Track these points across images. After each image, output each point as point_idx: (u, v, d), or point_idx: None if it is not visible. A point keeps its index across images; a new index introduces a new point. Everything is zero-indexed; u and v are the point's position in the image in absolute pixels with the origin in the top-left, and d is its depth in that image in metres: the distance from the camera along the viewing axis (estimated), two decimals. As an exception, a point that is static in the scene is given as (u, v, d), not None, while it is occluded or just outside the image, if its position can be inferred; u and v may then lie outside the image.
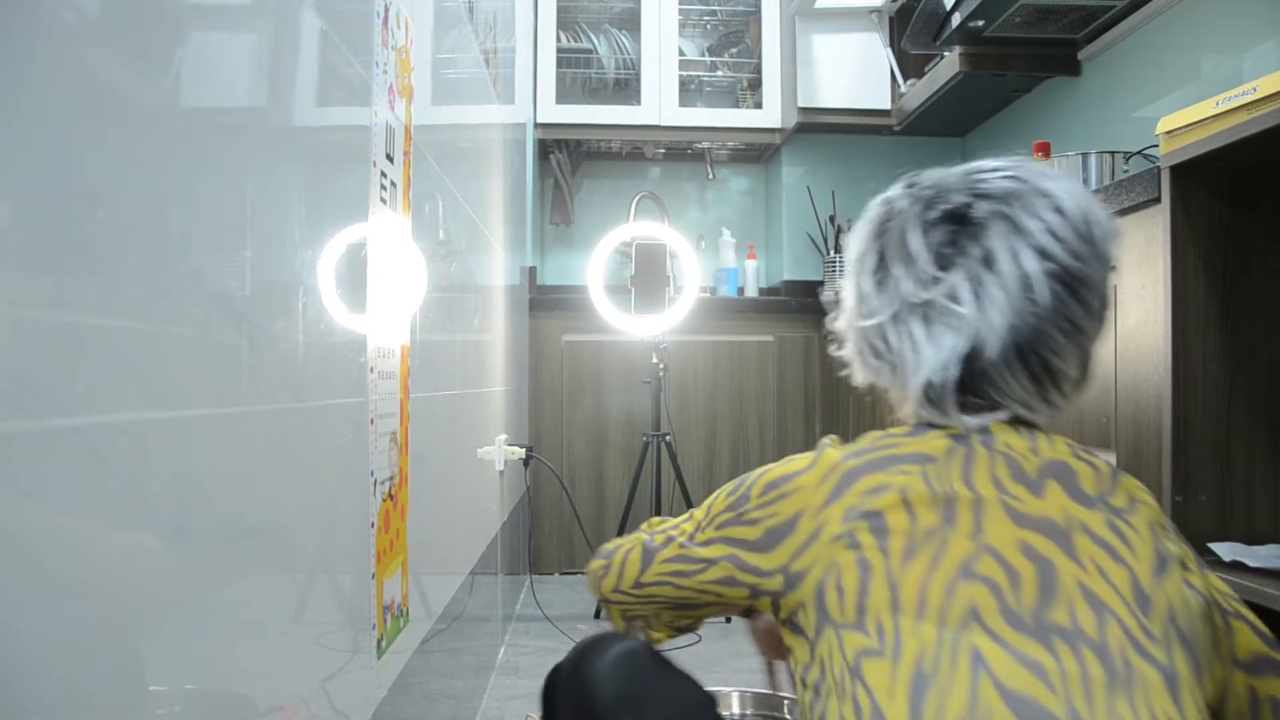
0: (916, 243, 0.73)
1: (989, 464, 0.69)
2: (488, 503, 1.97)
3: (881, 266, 0.75)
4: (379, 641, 1.01)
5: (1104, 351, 1.37)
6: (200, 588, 0.60)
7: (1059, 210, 0.70)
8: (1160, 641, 0.63)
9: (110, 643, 0.50)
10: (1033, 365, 0.71)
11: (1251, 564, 1.10)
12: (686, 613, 0.87)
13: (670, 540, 0.83)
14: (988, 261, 0.70)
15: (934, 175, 0.76)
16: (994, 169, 0.74)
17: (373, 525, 0.99)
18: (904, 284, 0.73)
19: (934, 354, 0.72)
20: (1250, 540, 1.19)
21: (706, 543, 0.78)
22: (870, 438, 0.74)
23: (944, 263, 0.71)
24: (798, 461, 0.75)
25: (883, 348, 0.76)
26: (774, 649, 1.02)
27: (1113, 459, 1.36)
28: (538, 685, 0.94)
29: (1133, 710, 0.60)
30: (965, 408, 0.72)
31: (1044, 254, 0.69)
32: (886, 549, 0.66)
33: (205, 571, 0.61)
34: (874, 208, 0.79)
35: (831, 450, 0.74)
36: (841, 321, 0.82)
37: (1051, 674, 0.61)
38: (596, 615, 2.59)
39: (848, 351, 0.81)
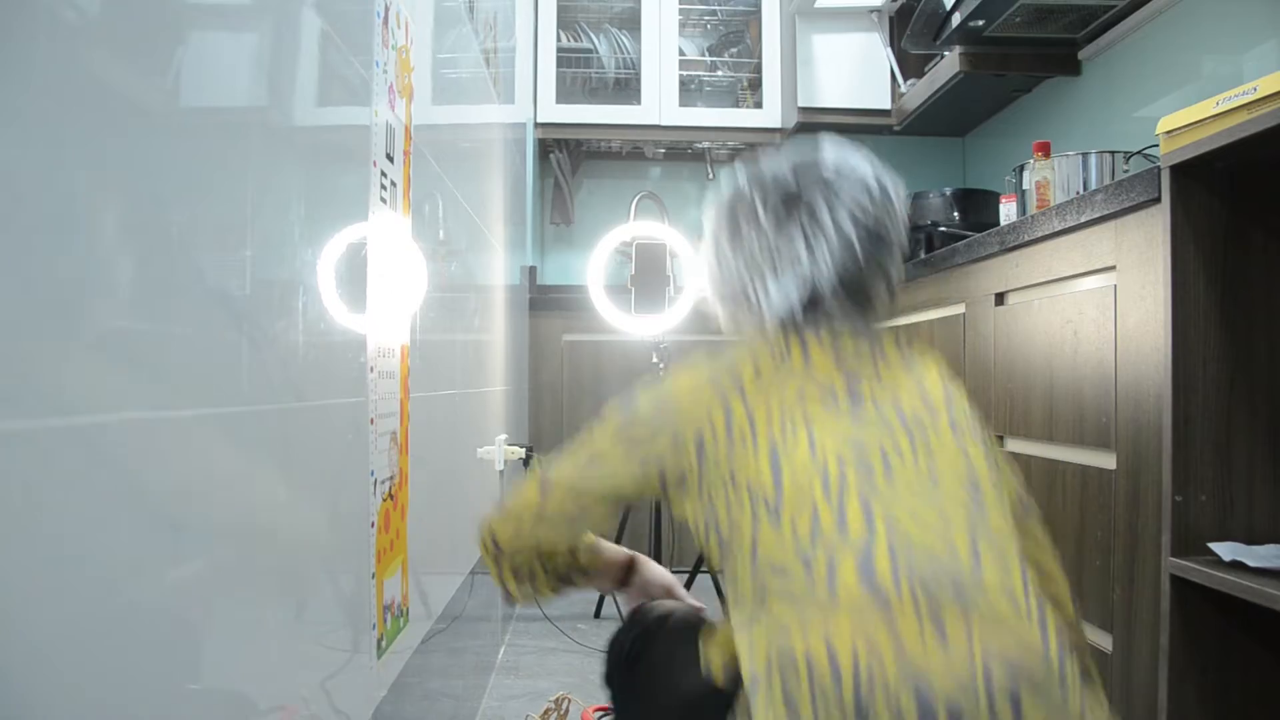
0: (763, 215, 0.95)
1: (820, 341, 0.92)
2: (488, 502, 1.97)
3: (736, 235, 0.97)
4: (379, 641, 1.01)
5: (1104, 352, 1.37)
6: (200, 587, 0.60)
7: (865, 185, 0.94)
8: (957, 426, 0.87)
9: (110, 642, 0.50)
10: (856, 298, 0.94)
11: (1251, 564, 1.10)
12: (578, 543, 1.02)
13: (566, 461, 0.95)
14: (817, 226, 0.93)
15: (770, 164, 0.99)
16: (815, 159, 0.96)
17: (373, 525, 0.99)
18: (755, 247, 0.95)
19: (782, 299, 0.93)
20: (1250, 540, 1.19)
21: (610, 446, 0.93)
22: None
23: (783, 229, 0.94)
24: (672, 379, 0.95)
25: (742, 298, 0.97)
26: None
27: (1113, 459, 1.36)
28: (537, 685, 0.94)
29: (937, 436, 0.85)
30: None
31: (856, 218, 0.93)
32: (744, 391, 0.88)
33: (205, 571, 0.61)
34: (725, 192, 1.02)
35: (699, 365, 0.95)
36: (707, 283, 1.04)
37: (868, 421, 0.85)
38: (596, 615, 2.59)
39: (714, 306, 1.03)
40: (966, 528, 0.79)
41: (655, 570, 1.17)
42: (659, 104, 3.20)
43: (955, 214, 2.49)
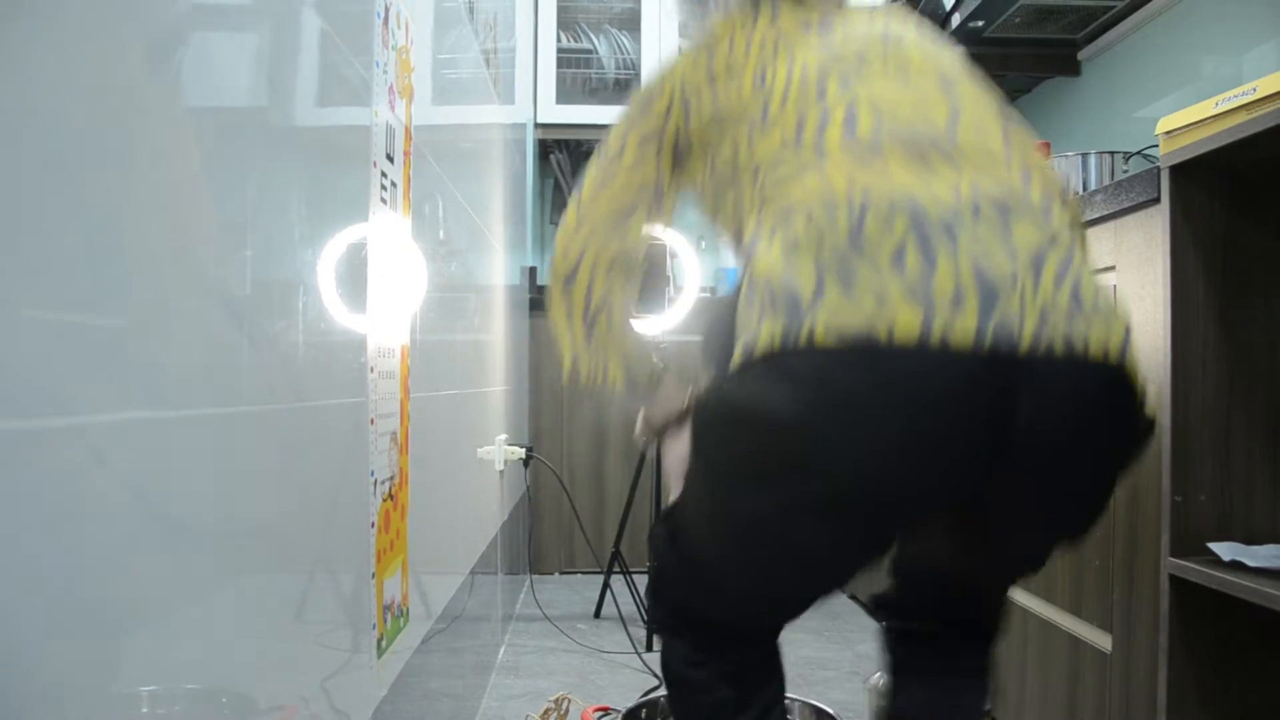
0: None
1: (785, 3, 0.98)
2: (488, 502, 1.97)
3: None
4: (379, 641, 1.01)
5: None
6: (201, 587, 0.61)
7: None
8: (926, 49, 0.91)
9: (111, 642, 0.50)
10: None
11: (1251, 564, 1.10)
12: (632, 244, 1.02)
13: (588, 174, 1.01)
14: None
15: None
16: None
17: (373, 525, 0.99)
18: None
19: None
20: (1250, 540, 1.19)
21: (616, 136, 1.00)
22: None
23: None
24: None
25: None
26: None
27: (1112, 459, 1.36)
28: (538, 685, 0.94)
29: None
30: None
31: None
32: (722, 47, 0.94)
33: (206, 571, 0.61)
34: None
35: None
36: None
37: (840, 41, 0.91)
38: (596, 615, 2.59)
39: (685, 14, 1.09)
40: (945, 104, 0.84)
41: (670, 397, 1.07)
42: (659, 104, 3.20)
43: (955, 214, 2.49)
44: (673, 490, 1.01)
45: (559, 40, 3.22)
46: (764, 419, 0.76)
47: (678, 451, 1.01)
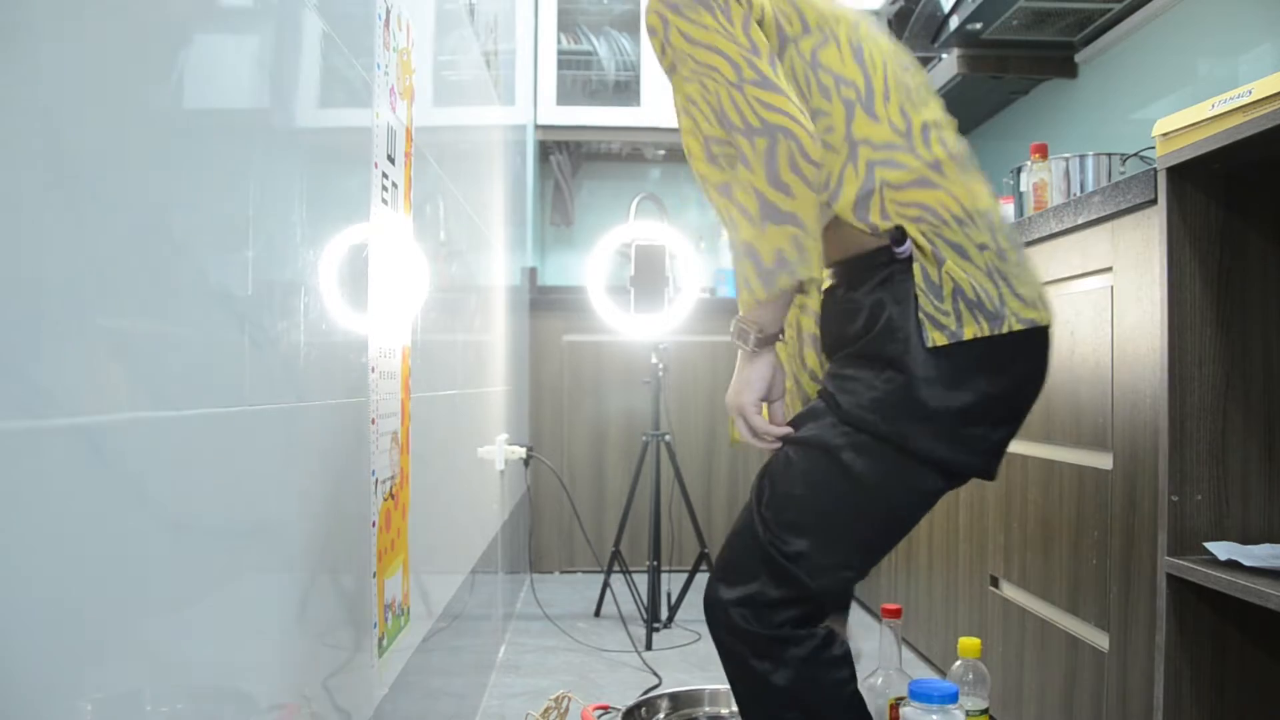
0: None
1: None
2: (488, 502, 1.98)
3: None
4: (380, 640, 1.02)
5: (1100, 353, 1.38)
6: (203, 586, 0.61)
7: None
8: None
9: (112, 641, 0.51)
10: None
11: (1247, 563, 1.11)
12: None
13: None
14: None
15: None
16: None
17: (374, 524, 0.99)
18: None
19: None
20: (1246, 540, 1.20)
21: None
22: None
23: None
24: None
25: None
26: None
27: (1109, 459, 1.36)
28: (538, 683, 0.95)
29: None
30: None
31: None
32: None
33: (208, 570, 0.62)
34: None
35: None
36: None
37: (884, 39, 1.12)
38: (596, 614, 2.60)
39: None
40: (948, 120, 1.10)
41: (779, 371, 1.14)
42: (659, 105, 3.21)
43: (954, 215, 2.49)
44: (739, 402, 1.10)
45: (559, 42, 3.22)
46: (1008, 376, 1.03)
47: (760, 373, 1.10)
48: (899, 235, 1.01)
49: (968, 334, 0.98)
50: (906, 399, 1.00)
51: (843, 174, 1.03)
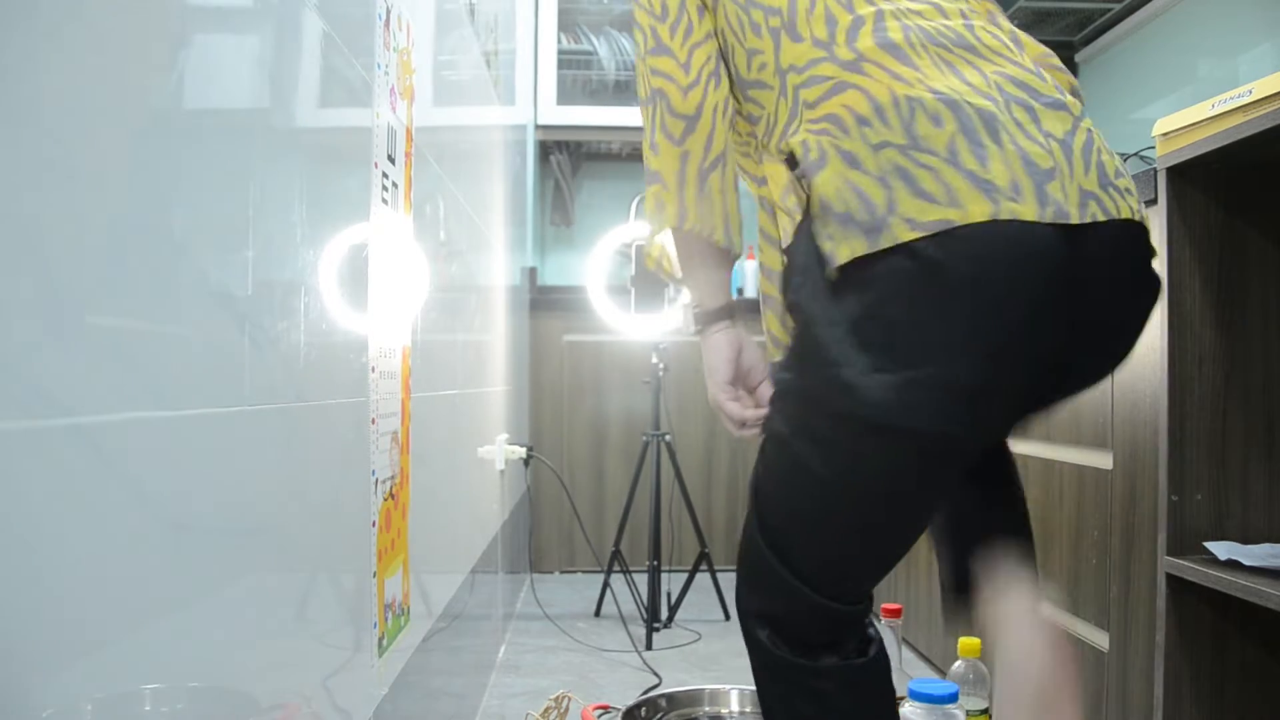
0: None
1: None
2: (488, 502, 1.98)
3: None
4: (380, 640, 1.02)
5: (1101, 352, 1.38)
6: (202, 586, 0.61)
7: None
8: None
9: (113, 640, 0.51)
10: None
11: (1247, 563, 1.11)
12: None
13: None
14: None
15: None
16: None
17: (374, 524, 1.00)
18: None
19: None
20: (1246, 539, 1.20)
21: None
22: None
23: None
24: None
25: None
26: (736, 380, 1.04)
27: (1109, 459, 1.36)
28: (538, 683, 0.94)
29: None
30: None
31: None
32: None
33: (207, 570, 0.62)
34: None
35: None
36: None
37: None
38: (596, 614, 2.60)
39: None
40: (958, 13, 0.91)
41: (753, 348, 1.04)
42: (659, 105, 3.20)
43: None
44: (713, 393, 1.02)
45: (559, 42, 3.22)
46: (880, 316, 0.81)
47: (723, 355, 1.01)
48: (791, 159, 0.88)
49: (841, 255, 0.80)
50: (811, 348, 0.86)
51: (778, 109, 0.92)
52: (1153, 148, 1.27)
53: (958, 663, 1.37)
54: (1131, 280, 0.90)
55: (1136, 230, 0.87)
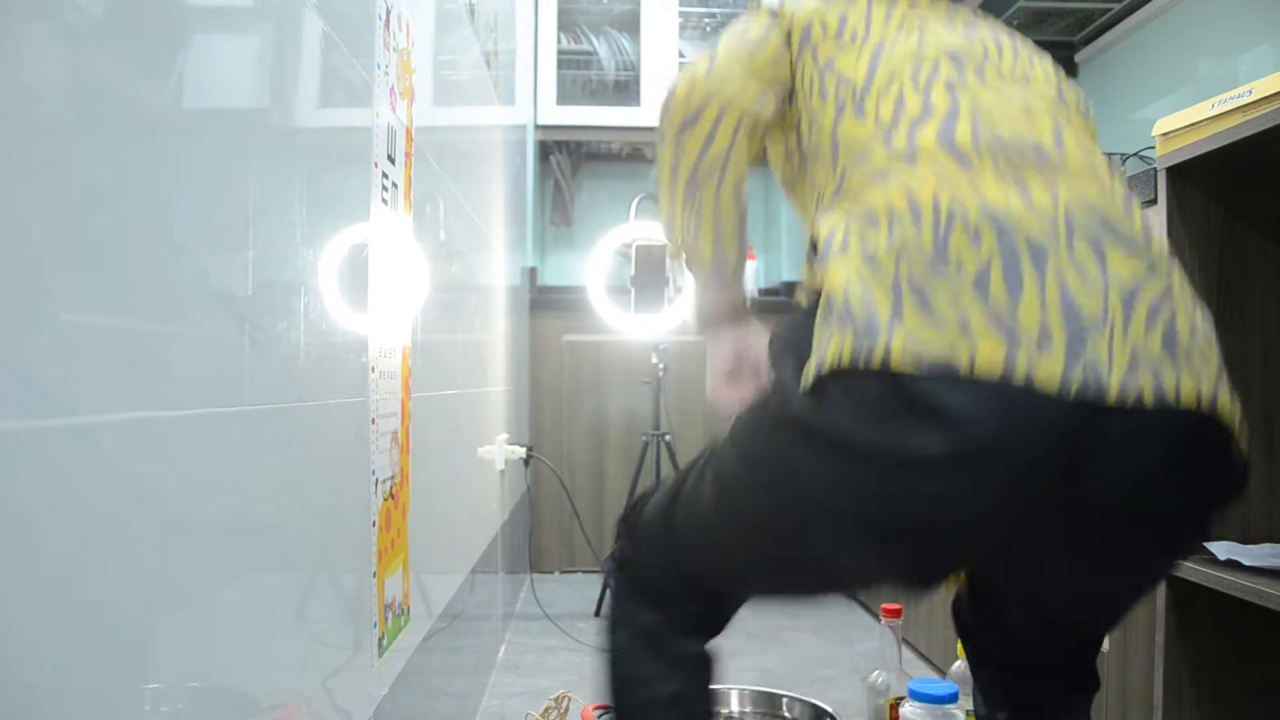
0: None
1: None
2: (488, 502, 1.98)
3: None
4: (380, 640, 1.02)
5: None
6: (202, 586, 0.61)
7: None
8: (1048, 61, 0.89)
9: (112, 640, 0.51)
10: None
11: (1246, 562, 1.11)
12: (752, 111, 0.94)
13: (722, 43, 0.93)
14: None
15: None
16: None
17: (374, 524, 1.00)
18: None
19: None
20: (1245, 539, 1.20)
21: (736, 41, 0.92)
22: None
23: None
24: None
25: None
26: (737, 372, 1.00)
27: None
28: (538, 683, 0.95)
29: (1026, 74, 0.84)
30: None
31: None
32: (853, 5, 0.89)
33: (207, 570, 0.62)
34: None
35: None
36: None
37: (977, 37, 0.86)
38: (596, 614, 2.59)
39: None
40: (1050, 117, 0.79)
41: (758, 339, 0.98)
42: (659, 105, 3.21)
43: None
44: (710, 388, 0.99)
45: (559, 42, 3.22)
46: (831, 442, 0.71)
47: (723, 352, 0.98)
48: (814, 243, 0.81)
49: (828, 356, 0.70)
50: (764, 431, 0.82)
51: (825, 184, 0.84)
52: (1153, 148, 1.27)
53: (957, 662, 1.37)
54: (1181, 482, 0.73)
55: (1202, 421, 0.70)
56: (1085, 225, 0.70)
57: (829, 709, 1.53)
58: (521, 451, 2.19)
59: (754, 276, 3.38)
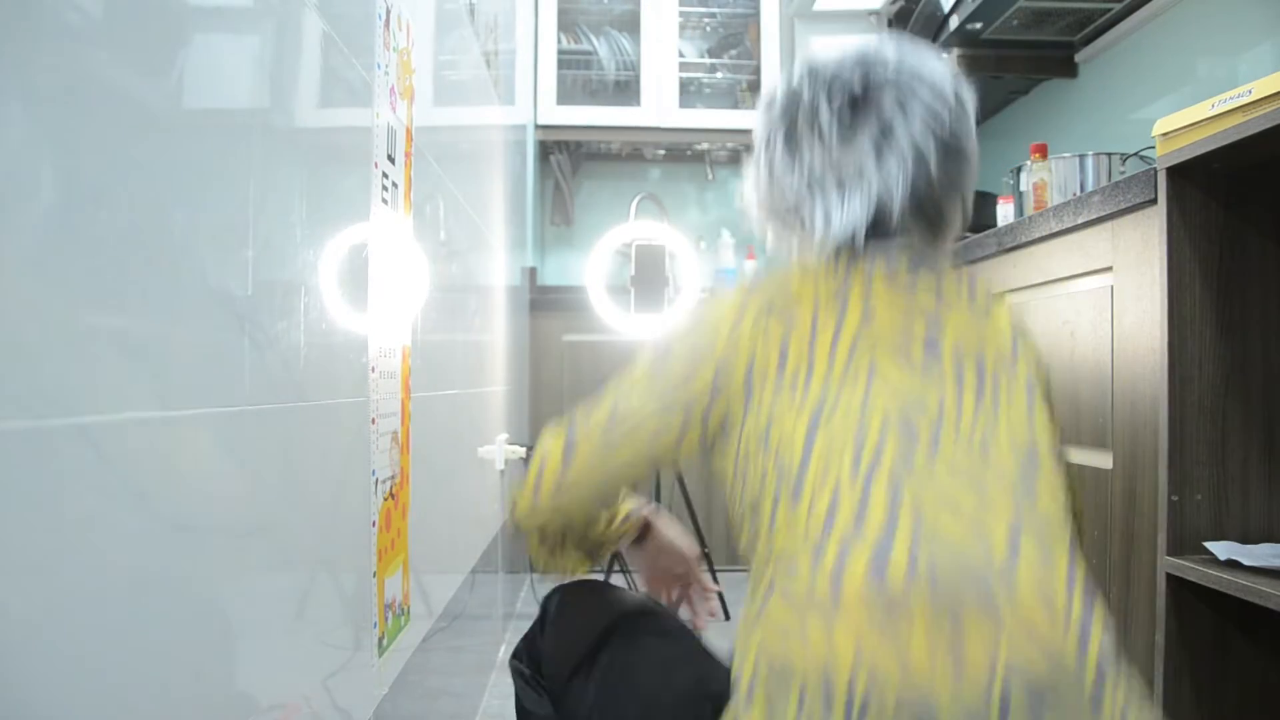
0: (825, 119, 0.81)
1: (884, 276, 0.81)
2: (488, 501, 1.98)
3: (792, 144, 0.83)
4: (380, 639, 1.02)
5: (1100, 352, 1.38)
6: (202, 586, 0.61)
7: (938, 89, 0.81)
8: (1031, 385, 0.78)
9: (111, 641, 0.51)
10: (928, 221, 0.83)
11: (1247, 563, 1.11)
12: (606, 504, 0.91)
13: (593, 414, 0.84)
14: (885, 134, 0.80)
15: (830, 59, 0.84)
16: (880, 56, 0.83)
17: (374, 524, 0.99)
18: (815, 158, 0.82)
19: (845, 222, 0.81)
20: (1246, 539, 1.20)
21: (640, 399, 0.82)
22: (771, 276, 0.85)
23: (848, 139, 0.81)
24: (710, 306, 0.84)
25: (794, 219, 0.84)
26: (659, 579, 1.06)
27: (1109, 459, 1.36)
28: (537, 683, 0.96)
29: (995, 408, 0.75)
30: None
31: (930, 127, 0.80)
32: (804, 325, 0.78)
33: (207, 570, 0.62)
34: (777, 92, 0.86)
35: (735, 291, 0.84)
36: (752, 199, 0.90)
37: (937, 377, 0.76)
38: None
39: (759, 224, 0.90)
40: (1010, 515, 0.70)
41: (673, 535, 1.04)
42: (658, 105, 3.21)
43: (954, 215, 2.49)
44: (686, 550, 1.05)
45: (559, 42, 3.22)
46: None
47: (643, 572, 1.06)
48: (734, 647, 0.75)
49: None
50: None
51: (760, 559, 0.76)
52: (1153, 148, 1.27)
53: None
54: None
55: None
56: (1021, 704, 0.64)
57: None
58: (521, 451, 2.19)
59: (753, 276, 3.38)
